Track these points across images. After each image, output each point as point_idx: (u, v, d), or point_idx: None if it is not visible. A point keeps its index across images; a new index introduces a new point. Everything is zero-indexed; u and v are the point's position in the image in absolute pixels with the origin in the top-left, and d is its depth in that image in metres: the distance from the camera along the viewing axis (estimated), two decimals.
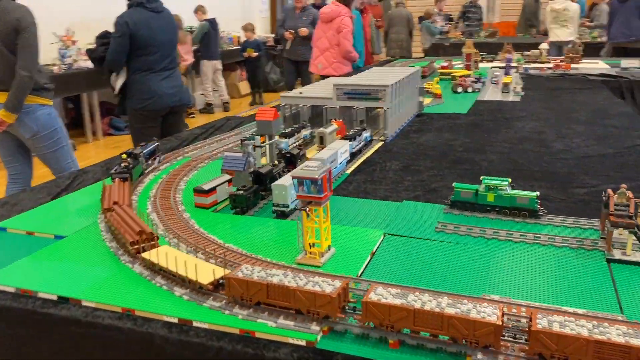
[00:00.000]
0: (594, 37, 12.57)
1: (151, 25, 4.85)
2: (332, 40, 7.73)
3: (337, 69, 7.78)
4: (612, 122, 4.02)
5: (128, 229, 1.96)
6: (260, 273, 1.55)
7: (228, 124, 4.32)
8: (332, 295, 1.42)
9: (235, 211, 2.36)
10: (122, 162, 2.67)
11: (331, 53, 7.79)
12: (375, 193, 2.59)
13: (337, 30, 7.64)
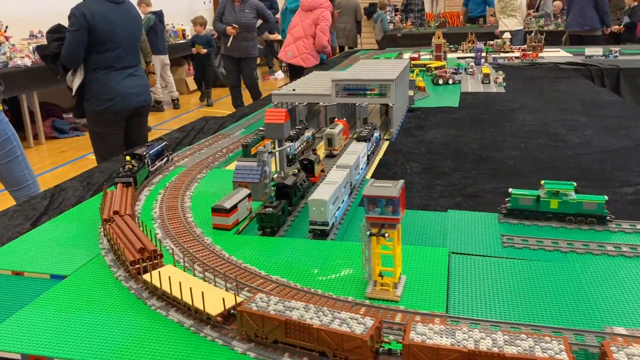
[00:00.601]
0: (540, 25, 12.83)
1: (111, 17, 4.36)
2: (307, 30, 7.41)
3: (306, 60, 7.47)
4: (608, 112, 3.93)
5: (129, 244, 1.73)
6: (277, 305, 1.32)
7: (209, 125, 3.92)
8: (363, 338, 1.18)
9: (264, 232, 2.02)
10: (126, 164, 2.41)
11: (304, 43, 7.46)
12: (411, 201, 2.32)
13: (315, 22, 7.34)
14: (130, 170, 2.40)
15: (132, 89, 4.60)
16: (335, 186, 2.08)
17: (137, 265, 1.65)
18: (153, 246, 1.70)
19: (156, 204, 2.31)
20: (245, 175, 2.33)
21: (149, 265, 1.65)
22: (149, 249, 1.68)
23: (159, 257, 1.70)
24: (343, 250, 1.85)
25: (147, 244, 1.70)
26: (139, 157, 2.53)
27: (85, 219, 2.21)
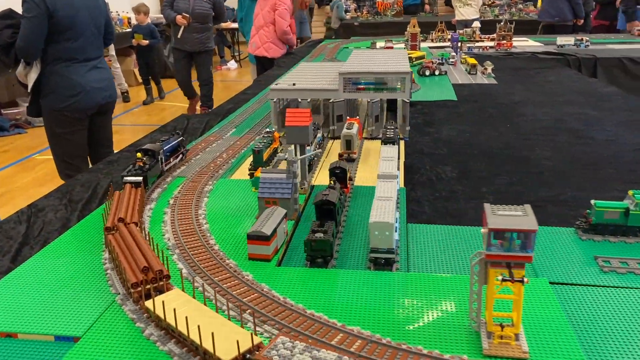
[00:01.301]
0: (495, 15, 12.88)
1: (73, 2, 3.81)
2: (267, 18, 6.96)
3: (269, 49, 7.03)
4: (615, 104, 3.77)
5: (132, 261, 1.50)
6: (303, 356, 1.10)
7: (192, 125, 3.49)
8: None
9: (313, 262, 1.66)
10: (136, 161, 2.14)
11: (265, 32, 7.02)
12: (463, 215, 2.02)
13: (273, 7, 6.89)
14: (141, 168, 2.11)
15: (97, 83, 4.07)
16: (393, 203, 1.74)
17: (139, 288, 1.42)
18: (160, 265, 1.45)
19: (166, 227, 1.90)
20: (273, 189, 1.96)
21: (154, 289, 1.40)
22: (154, 269, 1.43)
23: (166, 278, 1.44)
24: (419, 285, 1.52)
25: (153, 263, 1.45)
26: (151, 154, 2.23)
27: (84, 249, 1.78)
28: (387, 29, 12.67)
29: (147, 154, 2.25)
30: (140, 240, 1.60)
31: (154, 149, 2.29)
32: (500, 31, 7.63)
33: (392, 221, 1.60)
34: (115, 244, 1.62)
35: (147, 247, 1.55)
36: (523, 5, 13.44)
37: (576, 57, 6.08)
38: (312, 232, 1.67)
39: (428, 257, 1.71)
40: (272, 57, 7.02)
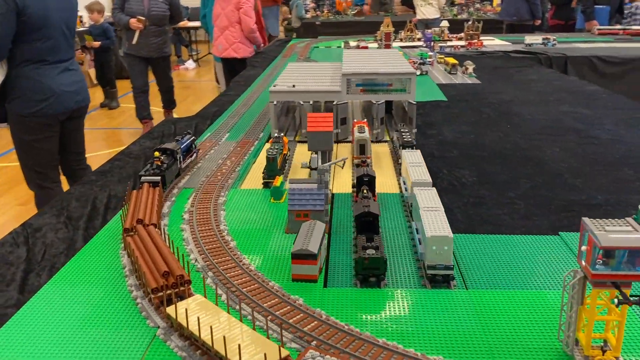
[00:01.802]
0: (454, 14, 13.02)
1: (45, 1, 3.52)
2: (231, 18, 6.72)
3: (238, 49, 6.81)
4: (605, 102, 3.80)
5: (152, 265, 1.44)
6: None
7: (181, 130, 3.28)
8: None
9: (364, 281, 1.53)
10: (154, 160, 2.10)
11: (231, 32, 6.78)
12: (500, 223, 1.93)
13: (237, 6, 6.66)
14: (159, 167, 2.07)
15: (69, 86, 3.78)
16: (443, 213, 1.64)
17: (160, 294, 1.37)
18: (181, 270, 1.40)
19: (189, 246, 1.73)
20: (304, 201, 1.81)
21: (174, 295, 1.34)
22: (174, 274, 1.38)
23: (187, 283, 1.38)
24: (486, 303, 1.42)
25: (174, 267, 1.40)
26: (169, 153, 2.20)
27: (102, 274, 1.58)
28: (349, 28, 12.62)
29: (164, 153, 2.18)
30: (159, 243, 1.53)
31: (173, 147, 2.23)
32: (468, 30, 7.69)
33: (451, 234, 1.49)
34: (135, 246, 1.55)
35: (167, 250, 1.49)
36: (480, 4, 13.65)
37: (547, 56, 6.15)
38: (362, 248, 1.54)
39: (482, 271, 1.60)
40: (243, 57, 6.81)
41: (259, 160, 2.64)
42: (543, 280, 1.54)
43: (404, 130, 2.54)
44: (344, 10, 14.10)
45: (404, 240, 1.78)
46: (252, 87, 4.58)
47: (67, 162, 4.08)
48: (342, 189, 2.21)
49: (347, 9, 14.18)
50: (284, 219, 1.94)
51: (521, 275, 1.58)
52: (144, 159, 2.69)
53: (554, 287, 1.50)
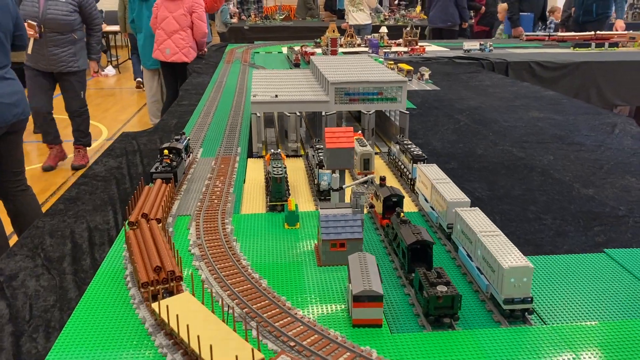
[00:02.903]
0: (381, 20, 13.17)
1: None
2: (182, 22, 6.32)
3: (188, 54, 6.43)
4: (566, 108, 3.86)
5: (147, 259, 1.44)
6: None
7: (144, 145, 2.94)
8: None
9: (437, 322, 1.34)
10: (163, 159, 2.16)
11: (181, 36, 6.36)
12: (536, 240, 1.81)
13: (189, 10, 6.30)
14: (169, 165, 2.12)
15: (6, 97, 3.30)
16: (505, 238, 1.48)
17: (151, 288, 1.37)
18: (173, 265, 1.39)
19: (212, 287, 1.46)
20: (340, 229, 1.60)
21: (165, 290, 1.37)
22: (166, 269, 1.38)
23: (177, 279, 1.39)
24: (580, 340, 1.27)
25: (166, 262, 1.40)
26: (176, 152, 2.23)
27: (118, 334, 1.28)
28: (278, 33, 12.47)
29: (171, 152, 2.22)
30: (158, 238, 1.53)
31: (179, 147, 2.27)
32: (407, 36, 7.73)
33: (531, 264, 1.33)
34: (134, 240, 1.55)
35: (165, 246, 1.49)
36: (406, 11, 13.91)
37: (489, 61, 6.26)
38: (430, 284, 1.34)
39: (547, 300, 1.46)
40: (190, 61, 6.44)
41: (249, 180, 2.38)
42: (617, 305, 1.43)
43: (406, 142, 2.38)
44: (272, 15, 13.88)
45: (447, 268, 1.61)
46: (206, 95, 4.26)
47: (3, 182, 3.59)
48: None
49: (274, 13, 13.96)
50: (308, 249, 1.72)
51: (590, 301, 1.45)
52: (115, 182, 2.35)
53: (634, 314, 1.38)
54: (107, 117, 9.19)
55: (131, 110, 9.76)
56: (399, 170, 2.38)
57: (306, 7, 15.65)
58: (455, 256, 1.68)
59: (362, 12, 11.03)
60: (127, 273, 1.55)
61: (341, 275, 1.56)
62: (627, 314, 1.39)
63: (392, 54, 6.78)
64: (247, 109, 3.72)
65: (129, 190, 2.26)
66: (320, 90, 2.86)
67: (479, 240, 1.49)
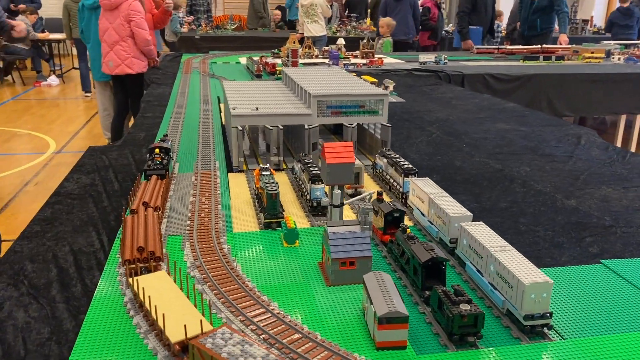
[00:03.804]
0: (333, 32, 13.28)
1: None
2: (121, 32, 6.08)
3: (132, 65, 6.16)
4: (528, 120, 3.97)
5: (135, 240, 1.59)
6: (236, 347, 1.10)
7: (114, 160, 2.81)
8: None
9: (462, 340, 1.32)
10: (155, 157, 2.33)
11: (122, 47, 6.12)
12: (536, 253, 1.83)
13: (126, 19, 6.04)
14: (161, 162, 2.30)
15: None
16: (517, 253, 1.49)
17: (132, 266, 1.52)
18: (155, 247, 1.55)
19: (220, 313, 1.39)
20: (349, 246, 1.56)
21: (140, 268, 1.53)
22: (147, 250, 1.54)
23: (157, 259, 1.54)
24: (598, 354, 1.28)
25: (150, 244, 1.56)
26: (165, 151, 2.41)
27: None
28: (230, 43, 12.37)
29: (161, 151, 2.39)
30: (149, 224, 1.68)
31: (167, 146, 2.47)
32: (364, 48, 7.82)
33: (551, 280, 1.34)
34: (130, 224, 1.69)
35: (155, 230, 1.65)
36: (357, 23, 14.07)
37: (446, 73, 6.41)
38: (452, 303, 1.32)
39: (561, 314, 1.47)
40: (138, 72, 6.20)
41: (234, 196, 2.30)
42: (626, 316, 1.45)
43: (393, 155, 2.38)
44: (223, 24, 13.73)
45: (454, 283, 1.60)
46: (170, 107, 4.14)
47: None
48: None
49: (226, 23, 13.82)
50: (312, 268, 1.67)
51: (600, 313, 1.47)
52: (92, 200, 2.22)
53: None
54: (54, 129, 8.80)
55: (79, 121, 9.38)
56: (387, 183, 2.37)
57: (257, 16, 15.57)
58: (461, 271, 1.67)
59: (317, 23, 11.07)
60: (126, 300, 1.45)
61: (353, 295, 1.52)
62: (636, 325, 1.42)
63: (351, 65, 6.83)
64: (216, 121, 3.64)
65: (109, 209, 2.14)
66: (300, 103, 2.82)
67: (491, 256, 1.48)
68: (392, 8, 9.71)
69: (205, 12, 15.42)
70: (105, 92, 7.07)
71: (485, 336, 1.36)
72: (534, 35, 9.03)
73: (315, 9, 10.88)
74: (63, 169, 6.75)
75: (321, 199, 2.04)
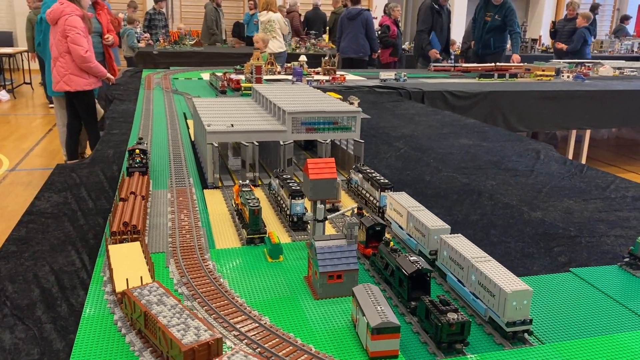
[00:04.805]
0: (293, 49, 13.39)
1: None
2: (60, 47, 5.82)
3: (70, 82, 5.86)
4: (488, 135, 4.13)
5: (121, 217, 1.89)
6: (153, 297, 1.34)
7: (85, 179, 2.77)
8: (183, 348, 1.14)
9: (450, 348, 1.37)
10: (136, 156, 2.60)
11: (61, 63, 5.86)
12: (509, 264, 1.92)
13: (63, 34, 5.82)
14: (141, 161, 2.57)
15: None
16: (497, 263, 1.56)
17: (117, 237, 1.82)
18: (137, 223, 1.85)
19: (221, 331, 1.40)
20: (336, 260, 1.60)
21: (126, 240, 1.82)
22: (131, 224, 1.83)
23: (137, 232, 1.84)
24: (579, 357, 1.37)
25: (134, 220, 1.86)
26: (143, 152, 2.66)
27: None
28: (189, 59, 12.33)
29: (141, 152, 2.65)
30: (137, 208, 1.99)
31: (145, 149, 2.70)
32: (325, 65, 7.94)
33: (530, 288, 1.42)
34: (120, 207, 1.99)
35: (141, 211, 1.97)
36: (316, 40, 14.25)
37: (407, 90, 6.58)
38: (439, 312, 1.38)
39: (541, 320, 1.55)
40: (78, 90, 5.94)
41: (212, 212, 2.31)
42: (596, 321, 1.54)
43: (368, 170, 2.44)
44: (182, 40, 13.65)
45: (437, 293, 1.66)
46: (136, 123, 4.10)
47: None
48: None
49: (184, 38, 13.74)
50: (299, 282, 1.70)
51: (574, 318, 1.56)
52: (67, 219, 2.19)
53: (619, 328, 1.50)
54: (6, 145, 8.52)
55: (34, 138, 9.11)
56: (363, 198, 2.43)
57: (209, 32, 15.47)
58: (442, 282, 1.74)
59: (276, 40, 11.14)
60: (116, 318, 1.45)
61: (342, 307, 1.56)
62: (608, 329, 1.51)
63: (314, 82, 6.92)
64: (185, 137, 3.63)
65: (86, 227, 2.12)
66: (273, 120, 2.86)
67: (472, 266, 1.55)
68: (346, 26, 9.91)
69: (163, 27, 15.30)
70: (61, 108, 6.89)
71: (470, 343, 1.42)
72: (488, 53, 9.37)
73: (273, 25, 10.95)
74: (18, 188, 6.54)
75: (302, 214, 2.07)
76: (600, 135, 10.92)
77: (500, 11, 8.92)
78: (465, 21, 17.54)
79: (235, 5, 19.80)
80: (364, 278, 1.76)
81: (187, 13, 19.26)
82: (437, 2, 9.37)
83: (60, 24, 5.82)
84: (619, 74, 8.99)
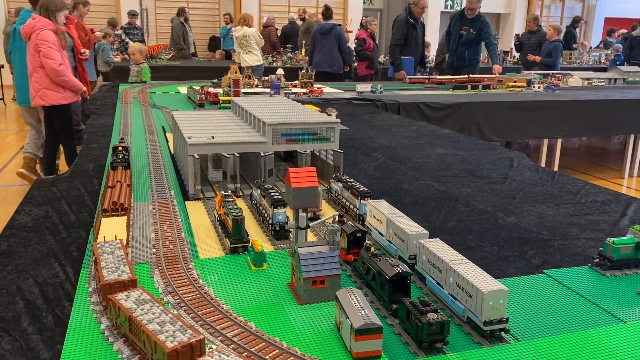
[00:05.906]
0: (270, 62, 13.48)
1: None
2: (34, 62, 5.80)
3: (45, 96, 5.82)
4: (463, 145, 4.24)
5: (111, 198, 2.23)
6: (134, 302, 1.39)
7: (67, 192, 2.77)
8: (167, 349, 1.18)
9: (430, 348, 1.43)
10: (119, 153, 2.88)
11: (36, 78, 5.83)
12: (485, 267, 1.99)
13: (35, 49, 5.81)
14: (124, 157, 2.86)
15: None
16: (474, 265, 1.62)
17: (108, 214, 2.13)
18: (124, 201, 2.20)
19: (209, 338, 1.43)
20: (319, 266, 1.64)
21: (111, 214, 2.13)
22: (119, 202, 2.18)
23: (123, 209, 2.16)
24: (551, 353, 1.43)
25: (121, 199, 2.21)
26: (125, 149, 2.94)
27: None
28: (166, 73, 12.32)
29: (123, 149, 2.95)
30: (123, 191, 2.33)
31: (127, 146, 3.03)
32: (303, 78, 8.01)
33: (505, 287, 1.48)
34: (109, 193, 2.29)
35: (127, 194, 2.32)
36: (292, 53, 14.35)
37: (383, 102, 6.68)
38: (420, 312, 1.43)
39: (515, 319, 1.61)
40: (53, 104, 5.91)
41: (194, 223, 2.34)
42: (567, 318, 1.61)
43: (348, 179, 2.50)
44: (158, 54, 13.63)
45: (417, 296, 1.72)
46: (114, 137, 4.10)
47: None
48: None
49: (160, 52, 13.72)
50: (283, 288, 1.74)
51: (547, 316, 1.63)
52: (48, 233, 2.19)
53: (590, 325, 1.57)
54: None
55: (7, 154, 8.98)
56: (343, 206, 2.48)
57: (177, 47, 15.32)
58: (422, 285, 1.79)
59: (252, 54, 11.21)
60: (103, 327, 1.46)
61: (325, 311, 1.60)
62: (580, 326, 1.58)
63: (292, 94, 6.98)
64: (164, 150, 3.65)
65: (69, 240, 2.12)
66: (253, 131, 2.90)
67: (450, 269, 1.61)
68: (319, 41, 10.04)
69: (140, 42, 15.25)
70: (32, 118, 6.85)
71: (450, 343, 1.47)
72: (463, 66, 9.56)
73: (248, 40, 11.04)
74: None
75: (284, 223, 2.11)
76: (571, 144, 11.20)
77: (475, 25, 9.12)
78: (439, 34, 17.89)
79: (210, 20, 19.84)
80: (346, 283, 1.80)
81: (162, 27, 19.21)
82: (412, 16, 9.54)
83: (32, 39, 5.80)
84: (587, 84, 9.26)
